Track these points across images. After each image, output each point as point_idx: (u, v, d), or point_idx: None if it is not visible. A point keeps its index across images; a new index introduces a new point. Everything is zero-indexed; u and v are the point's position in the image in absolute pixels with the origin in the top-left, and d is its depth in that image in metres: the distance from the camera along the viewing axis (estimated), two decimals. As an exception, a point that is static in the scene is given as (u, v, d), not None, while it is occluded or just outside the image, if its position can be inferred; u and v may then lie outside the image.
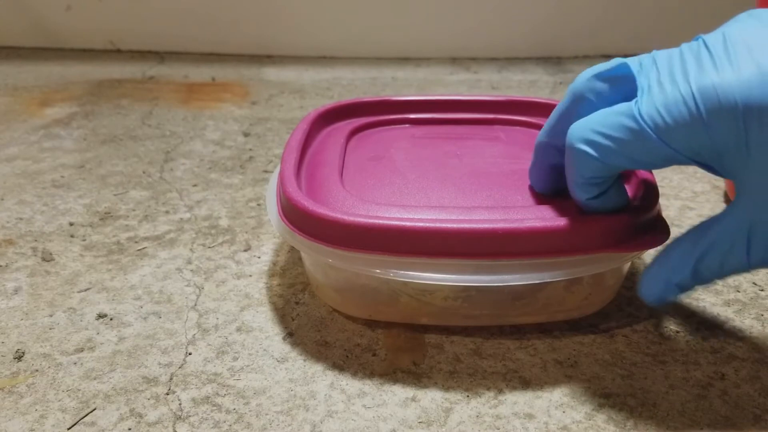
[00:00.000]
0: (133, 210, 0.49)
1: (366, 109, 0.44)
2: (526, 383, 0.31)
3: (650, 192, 0.33)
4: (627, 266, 0.35)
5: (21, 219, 0.47)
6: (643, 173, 0.34)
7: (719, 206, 0.49)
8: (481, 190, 0.34)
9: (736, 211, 0.26)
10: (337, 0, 0.92)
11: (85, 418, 0.29)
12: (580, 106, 0.28)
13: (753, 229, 0.25)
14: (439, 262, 0.30)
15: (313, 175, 0.36)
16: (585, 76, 0.28)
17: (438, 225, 0.30)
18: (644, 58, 0.27)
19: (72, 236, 0.45)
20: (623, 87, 0.27)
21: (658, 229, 0.31)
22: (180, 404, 0.30)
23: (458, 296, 0.33)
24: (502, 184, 0.34)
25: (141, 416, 0.29)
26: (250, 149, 0.61)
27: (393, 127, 0.44)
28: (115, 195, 0.51)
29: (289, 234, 0.33)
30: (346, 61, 0.93)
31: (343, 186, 0.34)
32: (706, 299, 0.38)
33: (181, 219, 0.48)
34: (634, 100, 0.26)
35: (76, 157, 0.59)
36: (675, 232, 0.45)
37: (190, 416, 0.29)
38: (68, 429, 0.29)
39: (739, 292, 0.38)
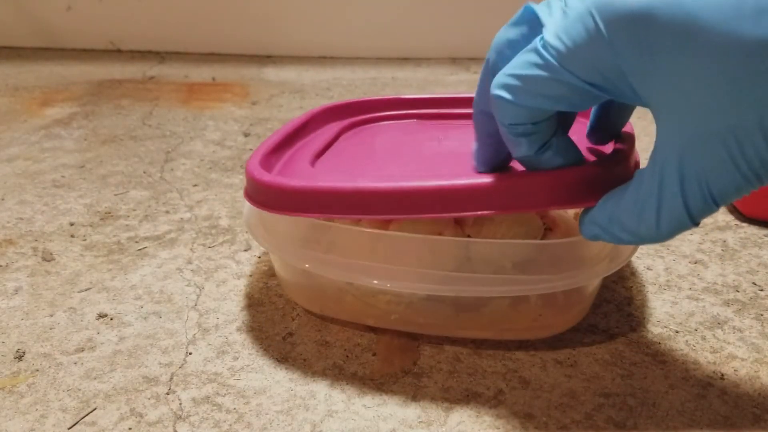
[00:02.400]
0: (134, 210, 0.49)
1: (373, 106, 0.45)
2: (526, 383, 0.31)
3: (621, 148, 0.30)
4: (591, 288, 0.34)
5: (21, 219, 0.47)
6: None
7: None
8: (442, 166, 0.33)
9: (660, 148, 0.23)
10: (337, 0, 0.92)
11: (86, 418, 0.29)
12: (499, 62, 0.27)
13: (683, 166, 0.22)
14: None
15: (293, 157, 0.37)
16: (498, 33, 0.28)
17: (350, 185, 0.29)
18: None
19: (72, 236, 0.45)
20: (535, 30, 0.26)
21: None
22: (180, 404, 0.30)
23: (401, 301, 0.33)
24: (468, 162, 0.34)
25: (141, 416, 0.29)
26: (251, 149, 0.61)
27: (397, 122, 0.44)
28: (115, 195, 0.51)
29: (246, 208, 0.35)
30: (346, 61, 0.93)
31: (312, 162, 0.35)
32: (706, 299, 0.38)
33: (182, 219, 0.48)
34: (539, 36, 0.25)
35: (77, 157, 0.59)
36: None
37: (190, 416, 0.29)
38: (69, 429, 0.29)
39: (738, 292, 0.38)
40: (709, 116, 0.21)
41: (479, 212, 0.28)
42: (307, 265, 0.32)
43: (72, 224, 0.47)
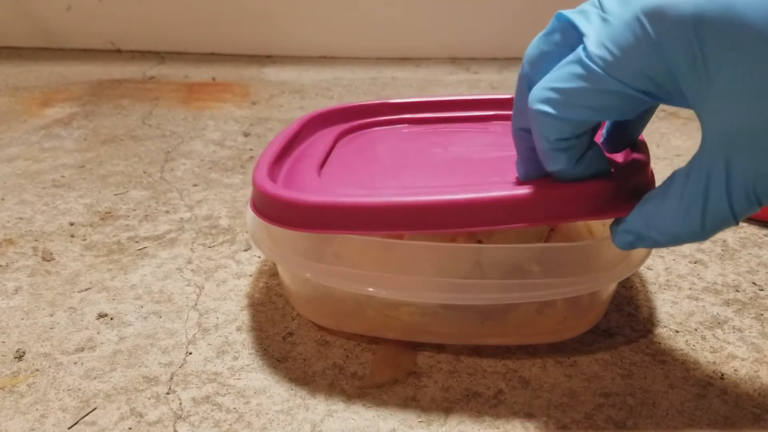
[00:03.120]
0: (134, 210, 0.49)
1: (363, 111, 0.44)
2: (526, 383, 0.31)
3: (639, 158, 0.30)
4: (611, 289, 0.34)
5: (21, 219, 0.47)
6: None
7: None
8: (458, 173, 0.33)
9: (707, 149, 0.23)
10: (337, 0, 0.92)
11: (86, 418, 0.29)
12: (534, 75, 0.27)
13: (730, 166, 0.23)
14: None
15: (294, 167, 0.36)
16: (530, 45, 0.27)
17: (371, 200, 0.29)
18: (586, 2, 0.25)
19: (72, 236, 0.45)
20: (570, 39, 0.26)
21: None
22: (180, 404, 0.30)
23: (425, 312, 0.32)
24: (482, 169, 0.33)
25: (141, 416, 0.29)
26: (251, 149, 0.61)
27: (389, 127, 0.44)
28: (115, 195, 0.51)
29: (250, 219, 0.34)
30: (346, 61, 0.93)
31: (318, 174, 0.34)
32: (706, 299, 0.38)
33: (182, 219, 0.48)
34: (581, 46, 0.24)
35: (77, 157, 0.59)
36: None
37: (190, 415, 0.29)
38: (69, 428, 0.29)
39: (738, 291, 0.38)
40: (758, 118, 0.22)
41: (512, 225, 0.28)
42: (312, 276, 0.32)
43: (72, 224, 0.47)
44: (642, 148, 0.31)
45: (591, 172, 0.28)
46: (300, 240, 0.32)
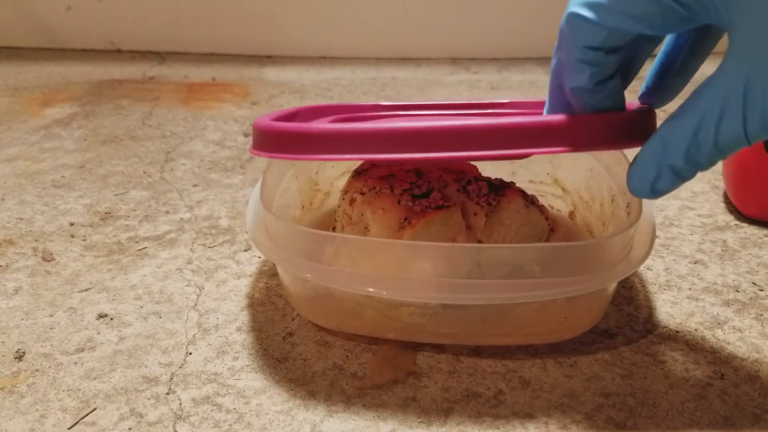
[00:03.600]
0: (134, 210, 0.49)
1: (358, 109, 0.44)
2: (526, 383, 0.31)
3: (649, 110, 0.30)
4: (611, 289, 0.34)
5: (21, 219, 0.47)
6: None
7: (719, 206, 0.49)
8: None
9: (729, 66, 0.24)
10: (337, 0, 0.92)
11: (86, 418, 0.29)
12: None
13: (749, 86, 0.23)
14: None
15: None
16: None
17: (384, 126, 0.28)
18: None
19: (72, 236, 0.45)
20: None
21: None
22: (180, 404, 0.30)
23: (424, 313, 0.32)
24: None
25: (141, 416, 0.29)
26: (251, 149, 0.61)
27: (384, 120, 0.44)
28: (115, 195, 0.51)
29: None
30: (346, 61, 0.93)
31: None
32: (706, 299, 0.38)
33: (182, 219, 0.48)
34: None
35: (77, 158, 0.59)
36: (674, 232, 0.46)
37: (190, 416, 0.29)
38: (69, 429, 0.29)
39: (738, 292, 0.38)
40: None
41: (547, 149, 0.27)
42: (312, 277, 0.32)
43: (72, 224, 0.47)
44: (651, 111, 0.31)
45: (608, 104, 0.28)
46: (299, 240, 0.32)
